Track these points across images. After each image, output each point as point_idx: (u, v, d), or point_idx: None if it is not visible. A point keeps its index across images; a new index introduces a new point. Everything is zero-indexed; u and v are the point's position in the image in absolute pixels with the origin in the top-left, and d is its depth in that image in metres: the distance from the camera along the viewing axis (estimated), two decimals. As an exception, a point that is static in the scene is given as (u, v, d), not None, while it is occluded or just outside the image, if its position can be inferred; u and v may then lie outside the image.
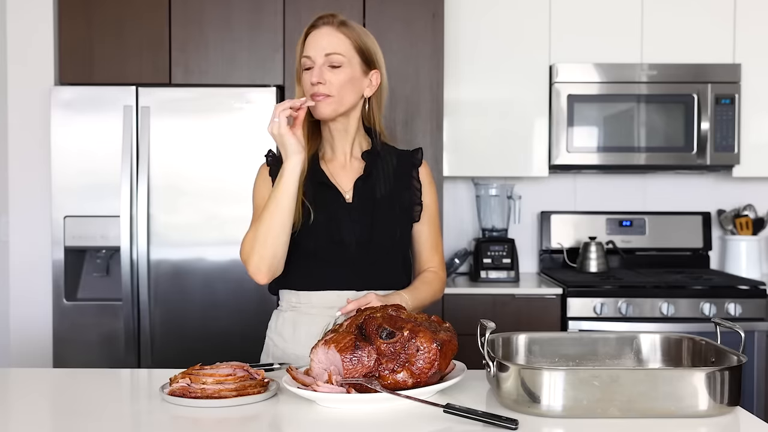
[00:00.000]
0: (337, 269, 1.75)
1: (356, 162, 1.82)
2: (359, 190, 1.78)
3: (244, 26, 3.09)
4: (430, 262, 1.86)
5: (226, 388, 1.42)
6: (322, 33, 1.73)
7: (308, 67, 1.73)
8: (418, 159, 1.86)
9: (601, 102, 3.30)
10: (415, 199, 1.83)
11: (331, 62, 1.71)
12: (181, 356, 2.90)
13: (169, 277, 2.97)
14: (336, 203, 1.76)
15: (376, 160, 1.81)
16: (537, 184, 3.69)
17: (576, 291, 3.06)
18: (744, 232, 3.55)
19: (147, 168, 2.94)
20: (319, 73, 1.70)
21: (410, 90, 3.11)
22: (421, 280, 1.83)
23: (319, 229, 1.73)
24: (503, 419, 1.26)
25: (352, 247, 1.74)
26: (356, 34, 1.75)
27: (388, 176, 1.81)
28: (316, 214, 1.73)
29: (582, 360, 1.62)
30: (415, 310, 1.73)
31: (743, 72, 3.32)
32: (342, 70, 1.71)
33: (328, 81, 1.70)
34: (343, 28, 1.74)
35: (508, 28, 3.35)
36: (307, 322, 1.76)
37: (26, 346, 3.13)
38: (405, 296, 1.73)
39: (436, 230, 1.88)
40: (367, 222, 1.75)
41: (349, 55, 1.73)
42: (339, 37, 1.72)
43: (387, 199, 1.79)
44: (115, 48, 3.08)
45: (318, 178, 1.77)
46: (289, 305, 1.80)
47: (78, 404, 1.47)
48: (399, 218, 1.79)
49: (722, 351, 1.46)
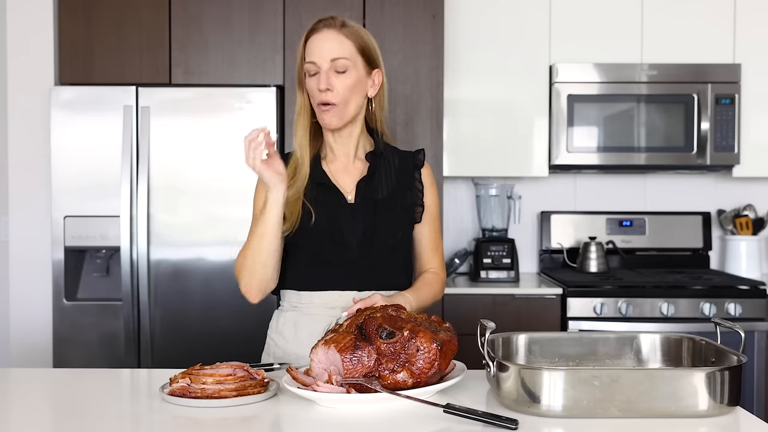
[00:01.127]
0: (338, 269, 1.75)
1: (359, 163, 1.82)
2: (361, 190, 1.78)
3: (244, 26, 3.09)
4: (431, 262, 1.87)
5: (226, 388, 1.42)
6: (324, 37, 1.71)
7: (314, 73, 1.72)
8: (420, 160, 1.87)
9: (601, 102, 3.30)
10: (417, 200, 1.83)
11: (336, 67, 1.70)
12: (181, 356, 2.90)
13: (169, 277, 2.97)
14: (338, 204, 1.76)
15: (379, 161, 1.81)
16: (537, 184, 3.69)
17: (576, 291, 3.06)
18: (744, 232, 3.55)
19: (147, 168, 2.94)
20: (327, 80, 1.69)
21: (410, 90, 3.11)
22: (423, 281, 1.83)
23: (320, 230, 1.73)
24: (503, 419, 1.26)
25: (354, 247, 1.74)
26: (358, 35, 1.74)
27: (390, 177, 1.81)
28: (317, 216, 1.73)
29: (582, 360, 1.62)
30: (417, 312, 1.73)
31: (743, 72, 3.32)
32: (348, 75, 1.71)
33: (335, 87, 1.70)
34: (345, 31, 1.72)
35: (508, 28, 3.35)
36: (309, 322, 1.76)
37: (26, 346, 3.13)
38: (408, 297, 1.73)
39: (437, 231, 1.88)
40: (368, 223, 1.75)
41: (353, 58, 1.72)
42: (342, 40, 1.71)
43: (389, 200, 1.79)
44: (115, 48, 3.08)
45: (320, 178, 1.77)
46: (291, 305, 1.81)
47: (78, 404, 1.47)
48: (400, 219, 1.80)
49: (722, 351, 1.46)
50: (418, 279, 1.85)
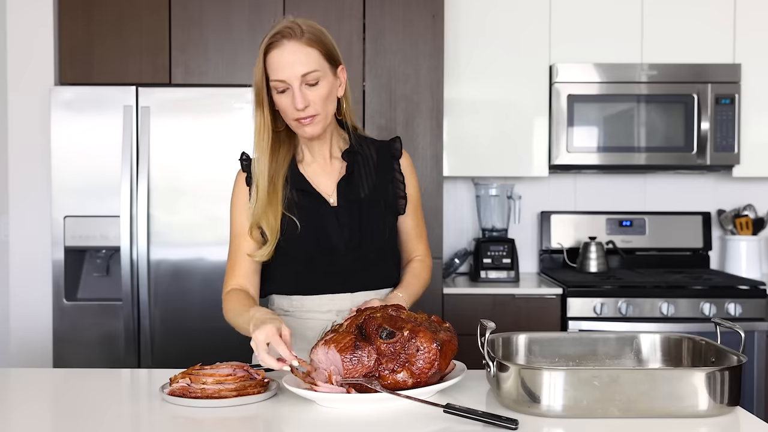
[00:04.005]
0: (328, 275, 1.73)
1: (336, 162, 1.77)
2: (342, 191, 1.74)
3: (244, 27, 3.09)
4: (416, 250, 1.86)
5: (226, 388, 1.42)
6: (288, 51, 1.60)
7: (282, 90, 1.63)
8: (398, 149, 1.82)
9: (601, 102, 3.30)
10: (399, 192, 1.80)
11: (308, 81, 1.61)
12: (181, 356, 2.90)
13: (169, 277, 2.97)
14: (321, 209, 1.72)
15: (357, 158, 1.77)
16: (537, 184, 3.69)
17: (576, 291, 3.06)
18: (744, 232, 3.55)
19: (147, 168, 2.94)
20: (302, 97, 1.60)
21: (410, 90, 3.11)
22: (411, 273, 1.82)
23: (306, 238, 1.70)
24: (503, 419, 1.26)
25: (342, 251, 1.71)
26: (319, 39, 1.63)
27: (370, 173, 1.77)
28: (301, 224, 1.69)
29: (582, 360, 1.62)
30: (410, 305, 1.73)
31: (743, 72, 3.32)
32: (321, 86, 1.63)
33: (311, 101, 1.62)
34: (306, 39, 1.61)
35: (508, 28, 3.35)
36: (301, 327, 1.75)
37: (26, 346, 3.13)
38: (399, 295, 1.72)
39: (420, 219, 1.86)
40: (354, 226, 1.72)
41: (322, 67, 1.63)
42: (308, 52, 1.61)
43: (371, 198, 1.75)
44: (115, 48, 3.08)
45: (299, 184, 1.73)
46: (282, 310, 1.79)
47: (78, 404, 1.47)
48: (385, 216, 1.77)
49: (722, 351, 1.46)
50: (407, 271, 1.83)
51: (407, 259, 1.87)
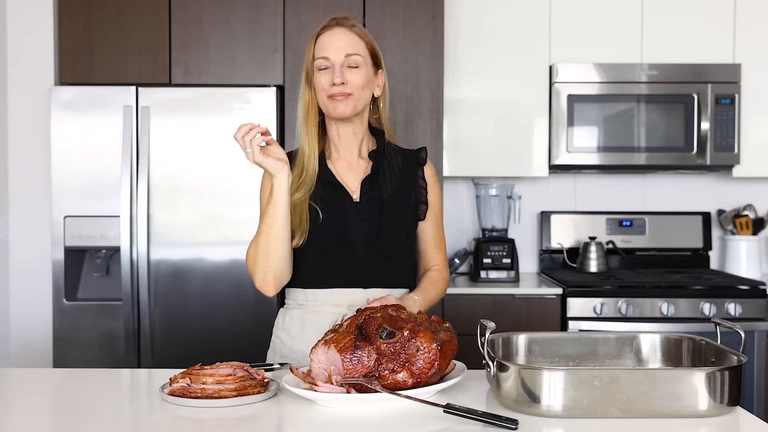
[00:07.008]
0: (344, 267, 1.76)
1: (363, 162, 1.83)
2: (366, 189, 1.79)
3: (244, 26, 3.09)
4: (435, 260, 1.88)
5: (226, 388, 1.42)
6: (337, 33, 1.74)
7: (324, 68, 1.74)
8: (423, 158, 1.88)
9: (601, 102, 3.30)
10: (421, 197, 1.85)
11: (349, 63, 1.73)
12: (181, 356, 2.90)
13: (169, 277, 2.97)
14: (344, 202, 1.77)
15: (383, 160, 1.83)
16: (537, 184, 3.69)
17: (576, 291, 3.06)
18: (744, 232, 3.54)
19: (147, 168, 2.94)
20: (341, 74, 1.71)
21: (410, 90, 3.11)
22: (428, 280, 1.84)
23: (327, 228, 1.74)
24: (503, 419, 1.26)
25: (360, 245, 1.75)
26: (368, 37, 1.79)
27: (394, 175, 1.83)
28: (323, 214, 1.74)
29: (582, 360, 1.62)
30: (425, 310, 1.75)
31: (743, 72, 3.32)
32: (360, 71, 1.74)
33: (348, 80, 1.72)
34: (356, 30, 1.76)
35: (508, 28, 3.35)
36: (315, 320, 1.77)
37: (26, 346, 3.13)
38: (416, 298, 1.75)
39: (440, 228, 1.90)
40: (374, 221, 1.76)
41: (365, 56, 1.76)
42: (354, 38, 1.75)
43: (393, 198, 1.80)
44: (115, 48, 3.08)
45: (325, 176, 1.78)
46: (296, 303, 1.81)
47: (78, 404, 1.47)
48: (405, 217, 1.81)
49: (722, 351, 1.46)
50: (424, 278, 1.86)
51: (425, 267, 1.89)
